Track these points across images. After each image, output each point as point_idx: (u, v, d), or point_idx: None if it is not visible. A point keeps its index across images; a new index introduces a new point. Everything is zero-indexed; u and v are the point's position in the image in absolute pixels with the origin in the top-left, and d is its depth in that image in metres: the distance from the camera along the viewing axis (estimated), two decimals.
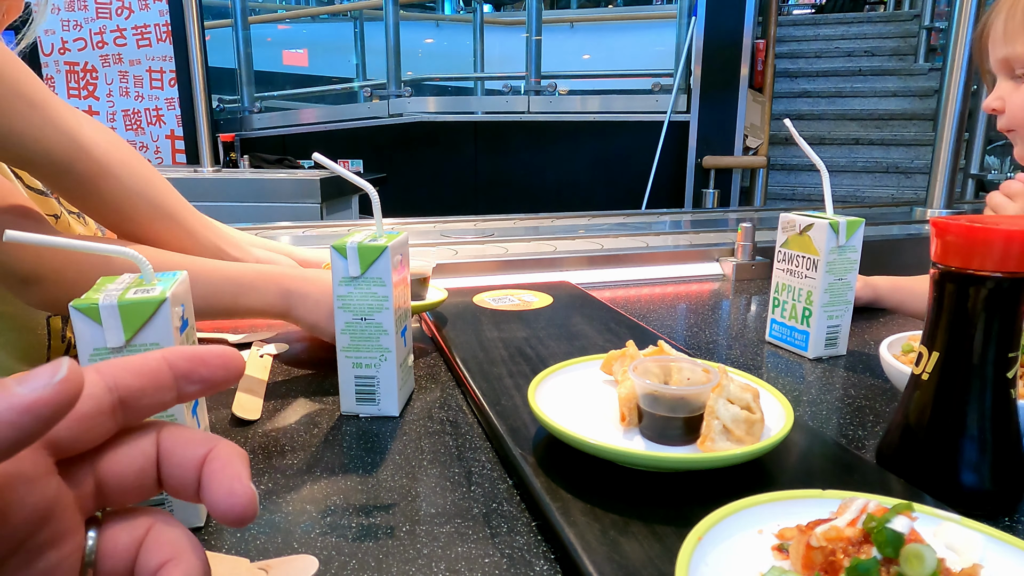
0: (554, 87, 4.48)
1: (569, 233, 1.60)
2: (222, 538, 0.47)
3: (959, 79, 1.86)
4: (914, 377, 0.53)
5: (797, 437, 0.58)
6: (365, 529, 0.48)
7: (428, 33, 5.72)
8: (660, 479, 0.50)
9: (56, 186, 0.69)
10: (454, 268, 1.26)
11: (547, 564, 0.45)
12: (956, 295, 0.49)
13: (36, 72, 0.66)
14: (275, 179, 2.96)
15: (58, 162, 0.64)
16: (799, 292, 0.85)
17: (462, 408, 0.69)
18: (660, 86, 4.16)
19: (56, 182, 0.68)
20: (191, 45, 2.94)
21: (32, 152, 0.62)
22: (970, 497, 0.50)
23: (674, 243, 1.49)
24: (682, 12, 4.14)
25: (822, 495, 0.44)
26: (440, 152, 4.38)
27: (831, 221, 0.80)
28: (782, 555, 0.40)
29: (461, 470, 0.57)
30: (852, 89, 5.30)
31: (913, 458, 0.53)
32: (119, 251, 0.46)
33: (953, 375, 0.50)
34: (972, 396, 0.50)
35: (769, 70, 4.31)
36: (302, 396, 0.73)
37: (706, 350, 0.90)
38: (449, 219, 1.80)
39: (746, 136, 4.07)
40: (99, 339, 0.43)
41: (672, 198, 4.14)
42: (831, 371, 0.81)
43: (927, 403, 0.52)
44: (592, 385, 0.64)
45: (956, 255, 0.48)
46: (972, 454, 0.50)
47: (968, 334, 0.49)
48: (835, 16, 6.42)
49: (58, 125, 0.63)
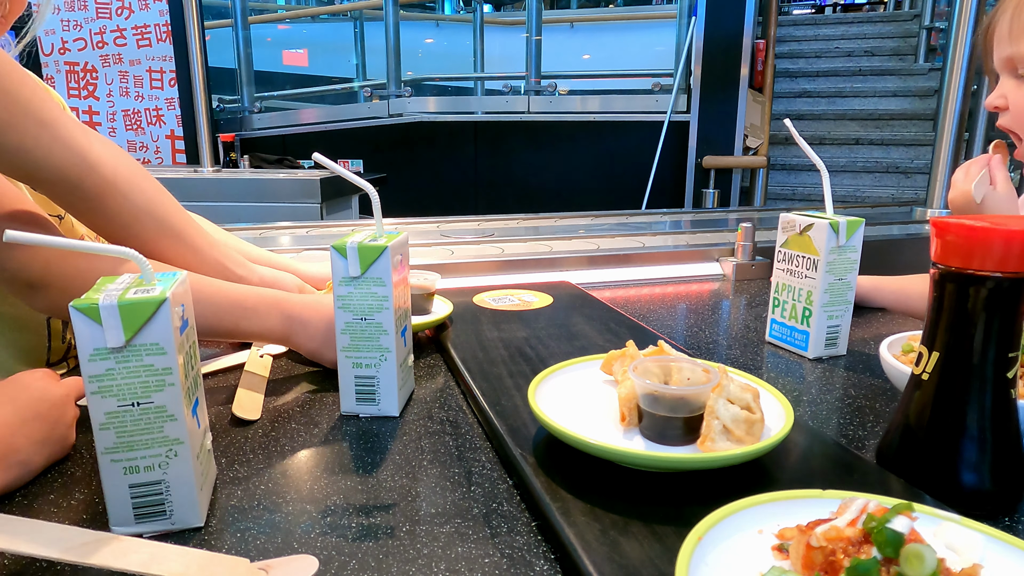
0: (554, 87, 4.48)
1: (569, 233, 1.60)
2: (222, 538, 0.47)
3: (959, 79, 1.86)
4: (914, 377, 0.53)
5: (797, 437, 0.58)
6: (365, 529, 0.48)
7: (428, 33, 5.72)
8: (660, 479, 0.51)
9: (64, 203, 0.69)
10: (454, 268, 1.26)
11: (547, 564, 0.45)
12: (956, 295, 0.49)
13: (36, 72, 0.66)
14: (275, 179, 2.96)
15: (67, 179, 0.64)
16: (799, 292, 0.85)
17: (462, 408, 0.69)
18: (660, 86, 4.16)
19: (64, 199, 0.68)
20: (191, 45, 2.94)
21: (41, 170, 0.63)
22: (970, 497, 0.50)
23: (674, 243, 1.49)
24: (682, 12, 4.13)
25: (822, 495, 0.44)
26: (440, 152, 4.38)
27: (831, 221, 0.80)
28: (782, 555, 0.40)
29: (461, 470, 0.57)
30: (852, 89, 5.29)
31: (913, 458, 0.53)
32: (120, 251, 0.46)
33: (953, 375, 0.50)
34: (972, 396, 0.50)
35: (769, 70, 4.31)
36: (302, 396, 0.73)
37: (706, 350, 0.90)
38: (449, 219, 1.80)
39: (746, 136, 4.07)
40: (99, 339, 0.43)
41: (672, 198, 4.14)
42: (831, 371, 0.81)
43: (927, 403, 0.52)
44: (592, 385, 0.64)
45: (956, 255, 0.48)
46: (972, 454, 0.50)
47: (968, 334, 0.49)
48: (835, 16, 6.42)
49: (67, 143, 0.63)
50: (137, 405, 0.45)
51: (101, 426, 0.45)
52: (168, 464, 0.46)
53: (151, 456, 0.46)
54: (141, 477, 0.46)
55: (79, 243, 0.47)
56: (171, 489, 0.47)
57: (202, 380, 0.52)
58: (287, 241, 1.56)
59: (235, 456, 0.59)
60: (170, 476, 0.47)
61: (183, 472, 0.47)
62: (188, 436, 0.46)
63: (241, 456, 0.59)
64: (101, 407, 0.45)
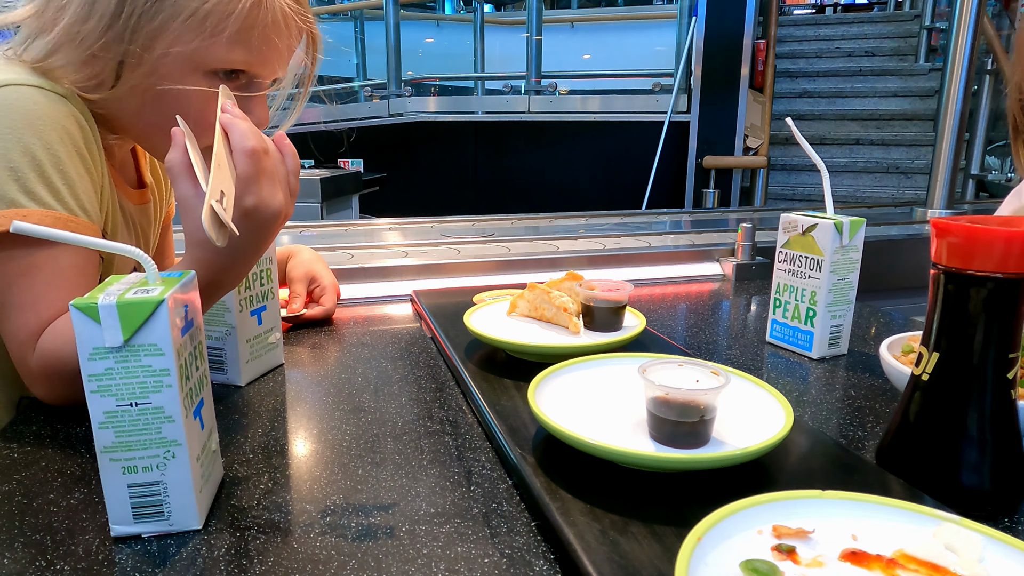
0: (554, 87, 4.48)
1: (569, 233, 1.60)
2: (221, 539, 0.47)
3: (959, 79, 1.86)
4: (914, 377, 0.53)
5: (797, 437, 0.58)
6: (365, 529, 0.48)
7: (428, 33, 5.72)
8: (660, 479, 0.50)
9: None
10: (454, 268, 1.26)
11: (547, 564, 0.45)
12: (956, 295, 0.49)
13: None
14: None
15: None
16: (802, 292, 0.85)
17: (462, 408, 0.69)
18: (660, 86, 4.16)
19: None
20: None
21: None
22: (970, 497, 0.50)
23: (674, 243, 1.49)
24: (682, 12, 4.13)
25: (822, 495, 0.44)
26: (440, 152, 4.38)
27: (835, 221, 0.80)
28: (782, 555, 0.40)
29: (461, 470, 0.57)
30: (852, 89, 5.29)
31: (913, 458, 0.53)
32: (126, 250, 0.46)
33: (953, 376, 0.50)
34: (972, 397, 0.50)
35: (769, 70, 4.31)
36: (302, 394, 0.73)
37: (706, 350, 0.90)
38: (449, 219, 1.80)
39: (746, 136, 4.07)
40: (98, 338, 0.43)
41: (672, 198, 4.14)
42: (831, 371, 0.81)
43: (927, 403, 0.52)
44: (592, 385, 0.64)
45: (956, 256, 0.48)
46: (972, 455, 0.50)
47: (968, 335, 0.49)
48: (836, 16, 6.42)
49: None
50: (135, 405, 0.45)
51: (100, 425, 0.45)
52: (166, 465, 0.46)
53: (149, 457, 0.46)
54: (139, 477, 0.46)
55: (86, 239, 0.47)
56: (169, 491, 0.47)
57: (209, 380, 0.52)
58: (287, 240, 1.56)
59: (235, 456, 0.59)
60: (168, 478, 0.47)
61: (181, 474, 0.47)
62: (186, 438, 0.46)
63: (241, 456, 0.59)
64: (100, 406, 0.45)
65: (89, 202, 0.66)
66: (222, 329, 0.73)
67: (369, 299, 1.13)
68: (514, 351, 0.77)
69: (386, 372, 0.79)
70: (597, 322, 0.80)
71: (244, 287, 0.74)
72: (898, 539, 0.41)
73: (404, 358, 0.84)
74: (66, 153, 0.64)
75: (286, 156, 0.65)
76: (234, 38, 0.65)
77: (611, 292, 0.80)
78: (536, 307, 0.84)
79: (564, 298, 0.81)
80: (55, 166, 0.63)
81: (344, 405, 0.70)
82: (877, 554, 0.40)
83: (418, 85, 4.85)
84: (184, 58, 0.65)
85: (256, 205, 0.60)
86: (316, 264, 0.99)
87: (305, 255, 1.00)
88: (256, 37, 0.67)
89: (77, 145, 0.65)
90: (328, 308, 0.97)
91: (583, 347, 0.74)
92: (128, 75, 0.66)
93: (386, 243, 1.49)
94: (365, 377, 0.77)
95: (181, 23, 0.64)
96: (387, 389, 0.74)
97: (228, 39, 0.65)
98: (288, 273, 0.97)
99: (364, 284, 1.17)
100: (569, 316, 0.80)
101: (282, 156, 0.64)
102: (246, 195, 0.59)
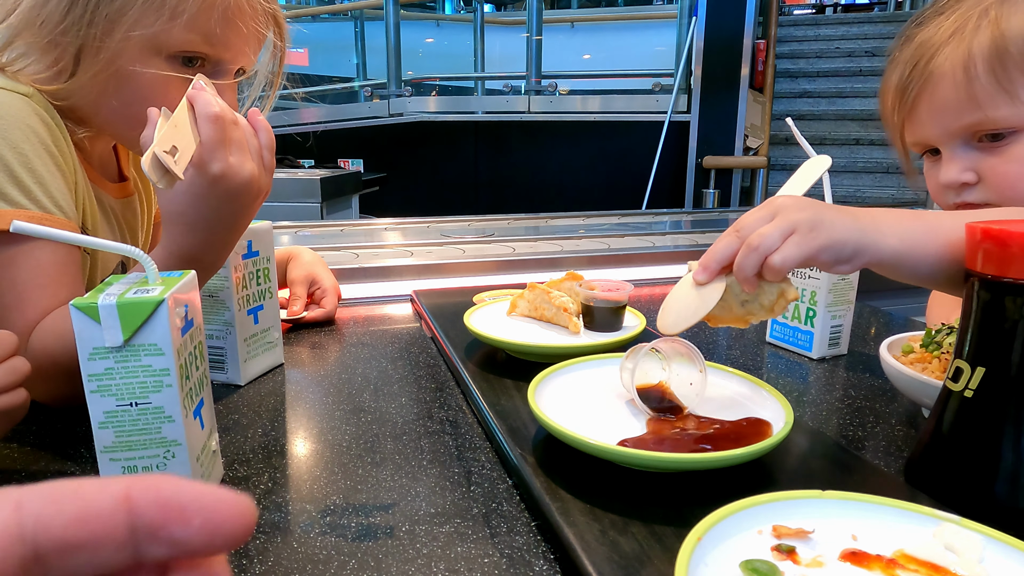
0: (554, 87, 4.48)
1: (569, 233, 1.60)
2: None
3: None
4: (950, 392, 0.50)
5: (797, 437, 0.58)
6: (365, 529, 0.48)
7: (428, 33, 5.73)
8: (660, 479, 0.50)
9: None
10: (454, 268, 1.26)
11: (547, 564, 0.45)
12: (991, 304, 0.46)
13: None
14: (275, 179, 2.95)
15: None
16: (802, 293, 0.85)
17: (462, 408, 0.69)
18: (660, 86, 4.17)
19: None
20: None
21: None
22: (1011, 516, 0.46)
23: (674, 243, 1.49)
24: (682, 12, 4.14)
25: (822, 495, 0.44)
26: (440, 152, 4.38)
27: None
28: (782, 555, 0.40)
29: (461, 470, 0.57)
30: (852, 89, 5.29)
31: (951, 477, 0.50)
32: (126, 249, 0.46)
33: (998, 391, 0.47)
34: (1013, 412, 0.47)
35: (770, 70, 4.32)
36: (302, 394, 0.73)
37: (706, 350, 0.90)
38: (449, 219, 1.80)
39: (746, 136, 4.07)
40: (98, 338, 0.43)
41: (672, 198, 4.14)
42: (831, 371, 0.81)
43: (968, 420, 0.49)
44: (592, 385, 0.64)
45: (992, 262, 0.46)
46: (1013, 472, 0.47)
47: (1012, 347, 0.46)
48: (836, 16, 6.42)
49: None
50: (135, 405, 0.45)
51: (100, 425, 0.45)
52: (166, 465, 0.46)
53: (149, 456, 0.46)
54: None
55: (86, 239, 0.47)
56: None
57: (209, 380, 0.52)
58: (287, 240, 1.56)
59: (235, 456, 0.59)
60: None
61: (181, 474, 0.47)
62: (186, 438, 0.46)
63: (241, 456, 0.59)
64: (100, 406, 0.45)
65: (63, 199, 0.65)
66: (221, 327, 0.73)
67: (369, 299, 1.13)
68: (514, 351, 0.77)
69: (386, 372, 0.79)
70: (597, 322, 0.80)
71: (242, 285, 0.74)
72: (898, 539, 0.41)
73: (404, 358, 0.84)
74: (33, 151, 0.63)
75: (259, 131, 0.64)
76: (194, 20, 0.65)
77: (611, 292, 0.80)
78: (536, 307, 0.84)
79: (564, 298, 0.81)
80: (24, 165, 0.62)
81: (344, 405, 0.70)
82: (877, 554, 0.40)
83: (418, 85, 4.86)
84: (144, 42, 0.64)
85: (223, 171, 0.59)
86: (317, 266, 0.99)
87: (306, 257, 0.99)
88: (216, 19, 0.66)
89: (44, 142, 0.64)
90: (329, 310, 0.97)
91: (583, 347, 0.74)
92: (89, 62, 0.65)
93: (386, 243, 1.50)
94: (365, 377, 0.77)
95: (140, 5, 0.63)
96: (387, 389, 0.74)
97: (188, 21, 0.64)
98: (289, 275, 0.97)
99: (364, 284, 1.17)
100: (569, 316, 0.80)
101: (255, 131, 0.64)
102: (213, 161, 0.59)
